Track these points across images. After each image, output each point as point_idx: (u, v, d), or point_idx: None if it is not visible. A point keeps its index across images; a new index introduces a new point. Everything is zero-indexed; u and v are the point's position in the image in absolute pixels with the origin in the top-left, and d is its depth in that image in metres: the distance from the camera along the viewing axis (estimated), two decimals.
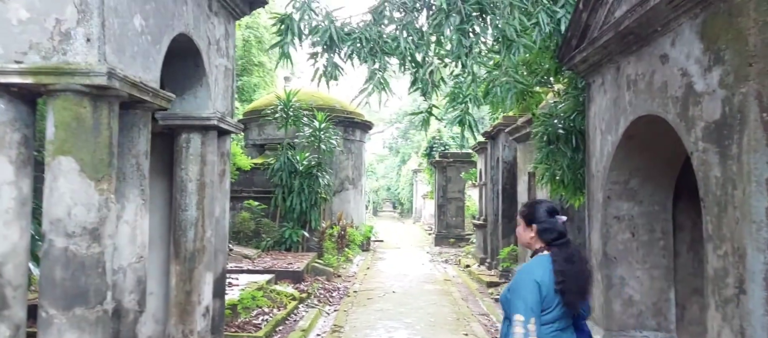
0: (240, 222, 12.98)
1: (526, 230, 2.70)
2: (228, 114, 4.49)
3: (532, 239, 2.68)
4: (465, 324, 7.62)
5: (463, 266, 13.70)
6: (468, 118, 5.08)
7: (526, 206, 2.82)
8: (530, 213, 2.71)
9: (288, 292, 8.52)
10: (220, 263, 4.47)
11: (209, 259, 4.18)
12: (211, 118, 4.09)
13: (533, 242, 2.69)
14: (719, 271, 2.99)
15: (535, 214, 2.69)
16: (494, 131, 11.75)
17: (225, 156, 4.49)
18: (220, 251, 4.46)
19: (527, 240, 2.71)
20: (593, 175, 4.93)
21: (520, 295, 2.51)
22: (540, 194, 8.64)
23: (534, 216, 2.68)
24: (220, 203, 4.38)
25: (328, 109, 15.96)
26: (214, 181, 4.24)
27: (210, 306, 4.26)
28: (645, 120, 3.99)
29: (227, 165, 4.52)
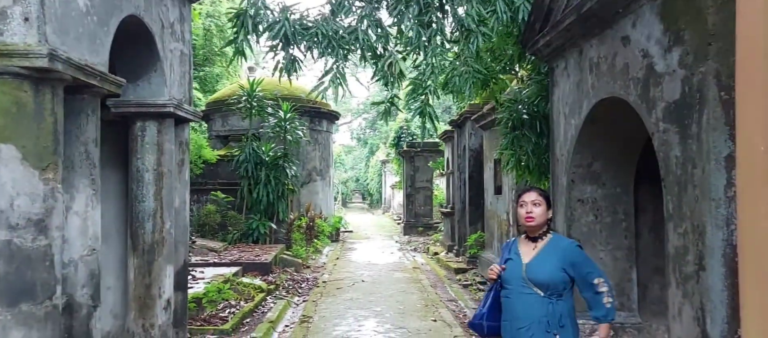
0: (205, 214, 12.72)
1: (547, 212, 2.87)
2: (186, 101, 4.33)
3: (546, 221, 2.87)
4: (434, 310, 7.64)
5: (431, 254, 13.76)
6: (428, 110, 5.04)
7: (546, 193, 3.03)
8: (548, 195, 2.99)
9: (255, 284, 8.37)
10: (182, 255, 4.32)
11: (169, 251, 4.04)
12: (167, 104, 3.92)
13: (545, 223, 2.87)
14: (680, 249, 3.03)
15: (550, 197, 2.99)
16: (461, 119, 11.79)
17: (183, 145, 4.32)
18: (181, 243, 4.31)
19: (543, 222, 2.85)
20: (557, 159, 4.96)
21: (592, 261, 2.92)
22: (505, 180, 8.71)
23: (549, 199, 2.94)
24: (179, 193, 4.23)
25: (294, 99, 15.70)
26: (173, 171, 4.09)
27: (171, 299, 4.11)
28: (607, 102, 4.02)
29: (186, 154, 4.36)
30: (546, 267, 2.77)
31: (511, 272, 2.85)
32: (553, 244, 2.85)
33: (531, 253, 2.85)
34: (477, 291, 8.96)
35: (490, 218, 9.76)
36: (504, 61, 6.57)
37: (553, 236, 2.91)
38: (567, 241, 2.94)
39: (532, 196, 2.89)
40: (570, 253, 2.80)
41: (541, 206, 2.87)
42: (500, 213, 9.06)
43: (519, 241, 2.97)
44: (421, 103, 5.03)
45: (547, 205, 2.89)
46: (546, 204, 2.89)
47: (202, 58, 23.06)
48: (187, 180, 4.33)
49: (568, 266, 2.77)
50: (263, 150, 13.15)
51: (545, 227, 2.87)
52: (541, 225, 2.87)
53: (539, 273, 2.77)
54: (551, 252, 2.80)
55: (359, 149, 51.85)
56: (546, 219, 2.87)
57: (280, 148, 13.49)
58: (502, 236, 8.98)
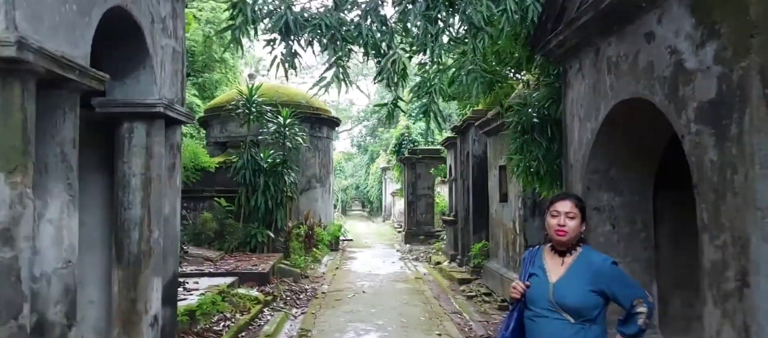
0: (202, 223, 12.41)
1: (581, 225, 2.58)
2: (177, 101, 4.05)
3: (578, 235, 2.58)
4: (438, 323, 7.33)
5: (433, 263, 13.45)
6: (433, 109, 4.76)
7: (579, 198, 2.73)
8: (584, 206, 2.65)
9: (252, 295, 8.06)
10: (171, 267, 4.03)
11: (157, 263, 3.74)
12: (157, 104, 3.64)
13: (575, 238, 2.56)
14: (717, 264, 2.74)
15: (585, 208, 2.66)
16: (464, 125, 11.52)
17: (175, 148, 4.04)
18: (171, 253, 4.01)
19: (576, 236, 2.56)
20: (571, 165, 4.68)
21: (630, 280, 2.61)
22: (512, 187, 8.43)
23: (585, 210, 2.63)
24: (169, 200, 3.94)
25: (294, 105, 15.46)
26: (162, 176, 3.80)
27: (159, 314, 3.81)
28: (627, 104, 3.75)
29: (178, 158, 4.07)
30: (576, 290, 2.44)
31: (537, 291, 2.52)
32: (584, 260, 2.52)
33: (559, 270, 2.53)
34: (482, 302, 8.65)
35: (495, 226, 9.46)
36: (510, 63, 6.30)
37: (583, 250, 2.56)
38: (600, 258, 2.55)
39: (567, 207, 2.56)
40: (605, 274, 2.47)
41: (575, 219, 2.54)
42: (506, 222, 8.76)
43: (544, 252, 2.64)
44: (426, 102, 4.75)
45: (581, 218, 2.56)
46: (581, 216, 2.56)
47: (201, 64, 22.86)
48: (179, 187, 4.05)
49: (603, 288, 2.44)
50: (262, 156, 12.88)
51: (575, 240, 2.56)
52: (572, 240, 2.55)
53: (569, 297, 2.44)
54: (582, 271, 2.47)
55: (359, 156, 51.56)
56: (579, 233, 2.56)
57: (279, 154, 13.21)
58: (507, 245, 8.69)
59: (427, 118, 4.78)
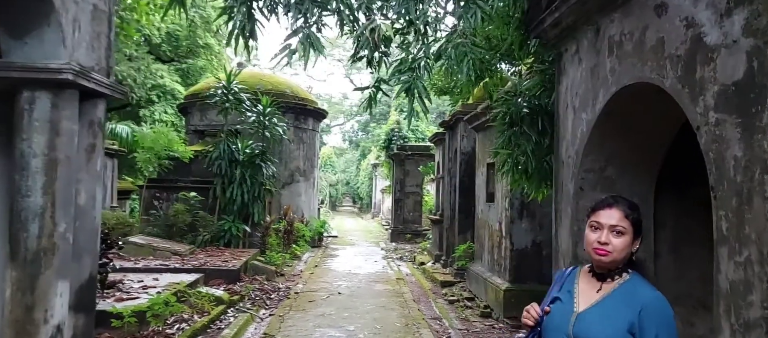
0: (174, 214, 11.79)
1: (632, 244, 1.92)
2: (100, 71, 3.44)
3: (626, 257, 1.91)
4: (414, 330, 6.78)
5: (417, 263, 12.91)
6: (418, 87, 4.18)
7: (633, 207, 1.97)
8: (640, 218, 1.96)
9: (215, 295, 7.48)
10: (87, 267, 3.43)
11: (63, 262, 3.15)
12: (64, 70, 3.02)
13: (622, 261, 1.91)
14: (737, 285, 2.20)
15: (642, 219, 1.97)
16: (452, 120, 10.97)
17: (96, 126, 3.43)
18: (88, 252, 3.41)
19: (622, 259, 1.90)
20: (563, 162, 4.13)
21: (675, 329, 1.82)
22: (499, 186, 7.88)
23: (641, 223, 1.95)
24: (86, 188, 3.34)
25: (277, 94, 14.84)
26: (74, 158, 3.20)
27: (64, 324, 3.21)
28: (630, 91, 3.20)
29: (99, 138, 3.46)
30: (608, 326, 1.79)
31: (554, 320, 1.89)
32: (628, 292, 1.85)
33: (591, 298, 1.89)
34: (464, 308, 8.11)
35: (481, 228, 8.93)
36: (501, 49, 5.74)
37: (631, 277, 1.90)
38: (651, 294, 1.84)
39: (615, 218, 1.90)
40: (651, 315, 1.78)
41: (624, 235, 1.89)
42: (492, 223, 8.23)
43: (580, 274, 2.01)
44: (408, 78, 4.17)
45: (634, 234, 1.91)
46: (633, 231, 1.91)
47: (185, 49, 22.17)
48: (99, 172, 3.44)
49: (642, 331, 1.77)
50: (239, 147, 12.27)
51: (622, 263, 1.90)
52: (617, 263, 1.90)
53: (595, 332, 1.80)
54: (621, 304, 1.82)
55: (351, 152, 50.94)
56: (628, 254, 1.90)
57: (258, 145, 12.61)
58: (493, 248, 8.16)
59: (411, 98, 4.20)
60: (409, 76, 4.28)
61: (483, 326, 7.05)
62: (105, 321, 5.54)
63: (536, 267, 7.14)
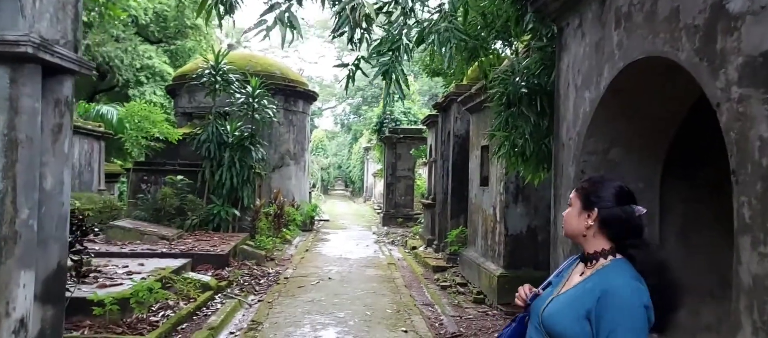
0: (161, 198, 11.52)
1: (581, 214, 1.79)
2: (67, 44, 3.15)
3: (588, 230, 1.77)
4: (406, 317, 6.61)
5: (409, 248, 12.76)
6: (396, 70, 3.94)
7: (587, 180, 1.90)
8: (593, 191, 1.80)
9: (202, 281, 7.26)
10: (55, 256, 3.18)
11: (27, 251, 2.89)
12: (23, 42, 2.73)
13: (589, 236, 1.78)
14: (762, 279, 2.00)
15: (599, 194, 1.78)
16: (446, 102, 10.73)
17: (62, 105, 3.15)
18: (55, 239, 3.16)
19: (579, 230, 1.80)
20: (563, 144, 3.92)
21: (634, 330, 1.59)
22: (493, 170, 7.68)
23: (598, 197, 1.77)
24: (53, 171, 3.08)
25: (267, 76, 14.52)
26: (38, 139, 2.93)
27: (29, 317, 2.97)
28: (640, 66, 2.98)
29: (67, 118, 3.18)
30: (568, 312, 1.69)
31: (537, 305, 1.83)
32: (600, 277, 1.70)
33: (572, 283, 1.80)
34: (456, 293, 7.95)
35: (474, 212, 8.74)
36: (497, 26, 5.49)
37: (611, 263, 1.73)
38: (616, 280, 1.65)
39: (571, 194, 1.90)
40: (610, 302, 1.61)
41: (571, 207, 1.85)
42: (486, 207, 8.04)
43: (578, 260, 1.90)
44: (387, 61, 3.93)
45: (582, 204, 1.80)
46: (581, 202, 1.80)
47: (173, 30, 21.69)
48: (67, 154, 3.17)
49: (596, 318, 1.63)
50: (228, 129, 11.98)
51: (598, 244, 1.75)
52: (576, 235, 1.82)
53: (556, 321, 1.71)
54: (587, 291, 1.69)
55: (343, 135, 50.60)
56: (583, 227, 1.78)
57: (247, 127, 12.33)
58: (486, 233, 7.98)
59: (388, 81, 3.96)
60: (389, 59, 4.03)
61: (476, 312, 6.89)
62: (85, 309, 5.32)
63: (531, 252, 6.97)
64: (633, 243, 1.72)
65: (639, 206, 1.77)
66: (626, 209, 1.74)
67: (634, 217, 1.73)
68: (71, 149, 3.28)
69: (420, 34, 4.06)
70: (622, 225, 1.73)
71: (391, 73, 4.00)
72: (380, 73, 3.93)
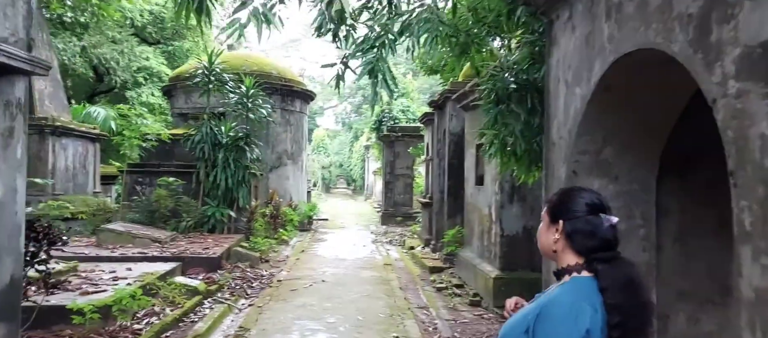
0: (156, 200, 11.36)
1: (549, 228, 1.68)
2: (18, 43, 2.97)
3: (557, 244, 1.64)
4: (399, 321, 6.43)
5: (407, 248, 12.57)
6: (381, 68, 3.76)
7: (555, 193, 1.77)
8: (559, 202, 1.69)
9: (190, 285, 7.09)
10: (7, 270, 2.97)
11: None
12: None
13: (559, 251, 1.64)
14: (764, 293, 1.81)
15: (566, 205, 1.66)
16: (441, 100, 10.54)
17: (13, 107, 2.95)
18: (7, 251, 2.96)
19: (548, 245, 1.67)
20: (554, 143, 3.73)
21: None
22: (488, 169, 7.49)
23: (564, 208, 1.65)
24: (4, 179, 2.88)
25: (263, 76, 14.36)
26: None
27: None
28: (632, 60, 2.79)
29: (18, 121, 2.99)
30: (512, 332, 1.58)
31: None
32: (547, 295, 1.60)
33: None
34: (452, 295, 7.77)
35: (470, 212, 8.55)
36: (489, 21, 5.29)
37: (570, 281, 1.58)
38: (559, 298, 1.53)
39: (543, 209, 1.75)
40: (540, 321, 1.49)
41: (541, 222, 1.72)
42: (481, 207, 7.85)
43: None
44: (371, 58, 3.74)
45: (549, 218, 1.68)
46: (549, 217, 1.69)
47: (171, 31, 21.53)
48: (20, 159, 2.98)
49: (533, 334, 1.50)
50: (222, 130, 11.81)
51: (569, 259, 1.60)
52: (548, 252, 1.67)
53: (505, 335, 1.61)
54: (533, 308, 1.56)
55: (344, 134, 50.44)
56: (551, 241, 1.64)
57: (242, 127, 12.16)
58: (482, 233, 7.79)
59: (374, 80, 3.78)
60: (373, 56, 3.84)
61: (472, 316, 6.70)
62: (66, 318, 5.16)
63: (527, 254, 6.77)
64: (600, 257, 1.55)
65: (611, 216, 1.60)
66: (592, 219, 1.58)
67: (601, 228, 1.57)
68: (25, 154, 3.09)
69: (402, 25, 3.87)
70: (587, 237, 1.57)
71: (377, 71, 3.81)
72: (366, 72, 3.74)
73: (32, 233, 3.54)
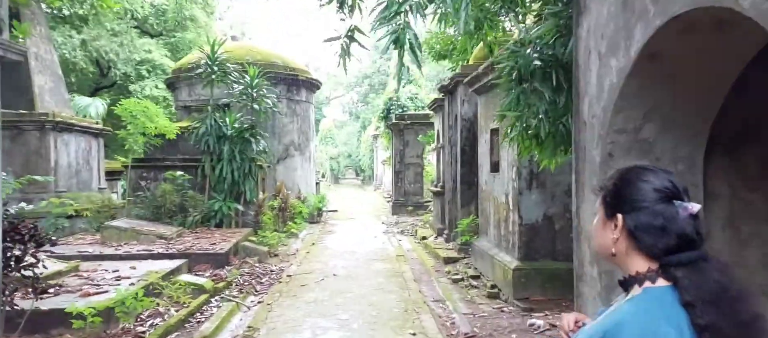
0: (161, 195, 11.12)
1: (607, 225, 1.30)
2: None
3: (618, 245, 1.27)
4: (414, 316, 6.13)
5: (419, 238, 12.27)
6: (408, 36, 3.40)
7: (611, 176, 1.36)
8: (616, 189, 1.30)
9: (197, 283, 6.83)
10: None
11: None
12: None
13: (622, 254, 1.27)
14: None
15: (625, 193, 1.28)
16: (452, 84, 10.16)
17: None
18: None
19: (606, 246, 1.30)
20: (585, 123, 3.37)
21: None
22: (504, 154, 7.13)
23: (623, 197, 1.27)
24: None
25: (267, 65, 14.05)
26: None
27: None
28: (682, 23, 2.42)
29: None
30: None
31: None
32: (612, 314, 1.23)
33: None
34: (469, 287, 7.46)
35: (485, 200, 8.21)
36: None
37: (640, 294, 1.22)
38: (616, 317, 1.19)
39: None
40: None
41: (595, 216, 1.36)
42: (497, 195, 7.50)
43: None
44: (396, 27, 3.39)
45: (605, 211, 1.31)
46: (604, 207, 1.32)
47: (173, 22, 21.22)
48: None
49: None
50: (227, 122, 11.52)
51: (638, 264, 1.24)
52: (608, 255, 1.30)
53: None
54: (597, 331, 1.21)
55: (351, 124, 50.11)
56: (610, 241, 1.28)
57: (247, 119, 11.87)
58: (499, 222, 7.45)
59: (400, 50, 3.43)
60: (398, 24, 3.49)
61: (491, 309, 6.39)
62: (66, 321, 4.90)
63: (548, 242, 6.44)
64: (678, 260, 1.18)
65: (688, 203, 1.22)
66: (663, 210, 1.21)
67: (677, 220, 1.20)
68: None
69: None
70: (657, 235, 1.20)
71: (403, 40, 3.44)
72: (391, 42, 3.38)
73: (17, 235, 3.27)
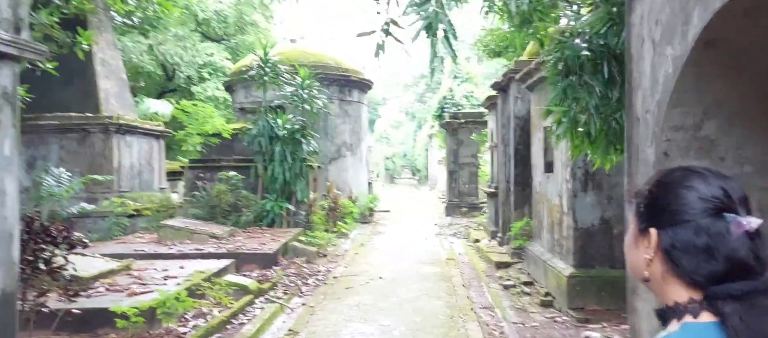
0: (216, 195, 11.40)
1: (639, 241, 1.02)
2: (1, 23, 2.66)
3: (652, 267, 0.99)
4: (460, 324, 5.87)
5: (472, 240, 11.92)
6: (441, 21, 3.17)
7: (648, 181, 1.06)
8: (652, 198, 1.01)
9: (241, 283, 6.86)
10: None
11: None
12: None
13: (658, 278, 0.99)
14: None
15: (663, 202, 0.99)
16: (505, 81, 9.77)
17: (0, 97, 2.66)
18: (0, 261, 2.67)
19: (640, 267, 1.02)
20: (639, 118, 3.04)
21: None
22: (557, 153, 6.73)
23: (660, 207, 0.99)
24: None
25: (321, 67, 14.15)
26: None
27: None
28: (744, 5, 2.08)
29: (6, 113, 2.69)
30: None
31: None
32: None
33: None
34: (521, 294, 7.10)
35: (539, 202, 7.81)
36: None
37: (677, 334, 0.91)
38: None
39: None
40: None
41: (628, 231, 1.07)
42: (551, 197, 7.10)
43: None
44: (429, 13, 3.17)
45: (638, 224, 1.02)
46: (637, 220, 1.03)
47: (234, 26, 21.84)
48: (9, 157, 2.68)
49: None
50: (278, 123, 11.64)
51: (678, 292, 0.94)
52: (643, 276, 1.01)
53: None
54: None
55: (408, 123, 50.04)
56: (645, 262, 0.99)
57: (298, 120, 11.95)
58: (552, 225, 7.05)
59: (433, 38, 3.21)
60: (431, 9, 3.26)
61: (543, 318, 6.03)
62: (111, 321, 5.02)
63: (605, 248, 6.00)
64: (726, 292, 0.89)
65: (744, 218, 0.91)
66: (709, 225, 0.91)
67: (728, 240, 0.90)
68: (15, 151, 2.80)
69: None
70: (701, 257, 0.91)
71: (435, 26, 3.22)
72: (423, 28, 3.17)
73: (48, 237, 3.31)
